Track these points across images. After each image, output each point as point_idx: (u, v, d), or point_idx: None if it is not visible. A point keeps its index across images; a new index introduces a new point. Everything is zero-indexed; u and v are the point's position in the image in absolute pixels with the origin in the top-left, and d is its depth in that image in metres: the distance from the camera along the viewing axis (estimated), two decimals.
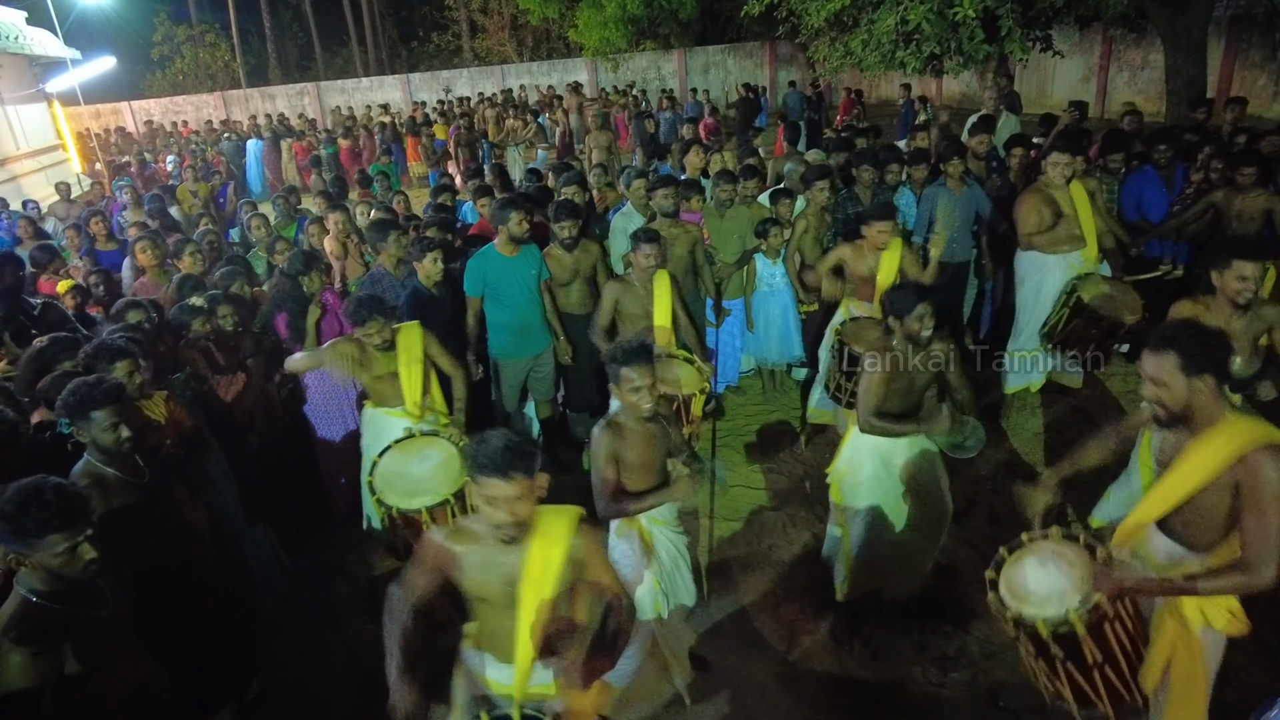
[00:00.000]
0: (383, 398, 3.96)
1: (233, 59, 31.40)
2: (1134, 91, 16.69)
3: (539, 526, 2.25)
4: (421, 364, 3.93)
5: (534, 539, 2.23)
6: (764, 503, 4.69)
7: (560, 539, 2.25)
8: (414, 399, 3.90)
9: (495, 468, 2.07)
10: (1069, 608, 2.40)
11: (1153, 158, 5.93)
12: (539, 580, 2.23)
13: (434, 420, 3.95)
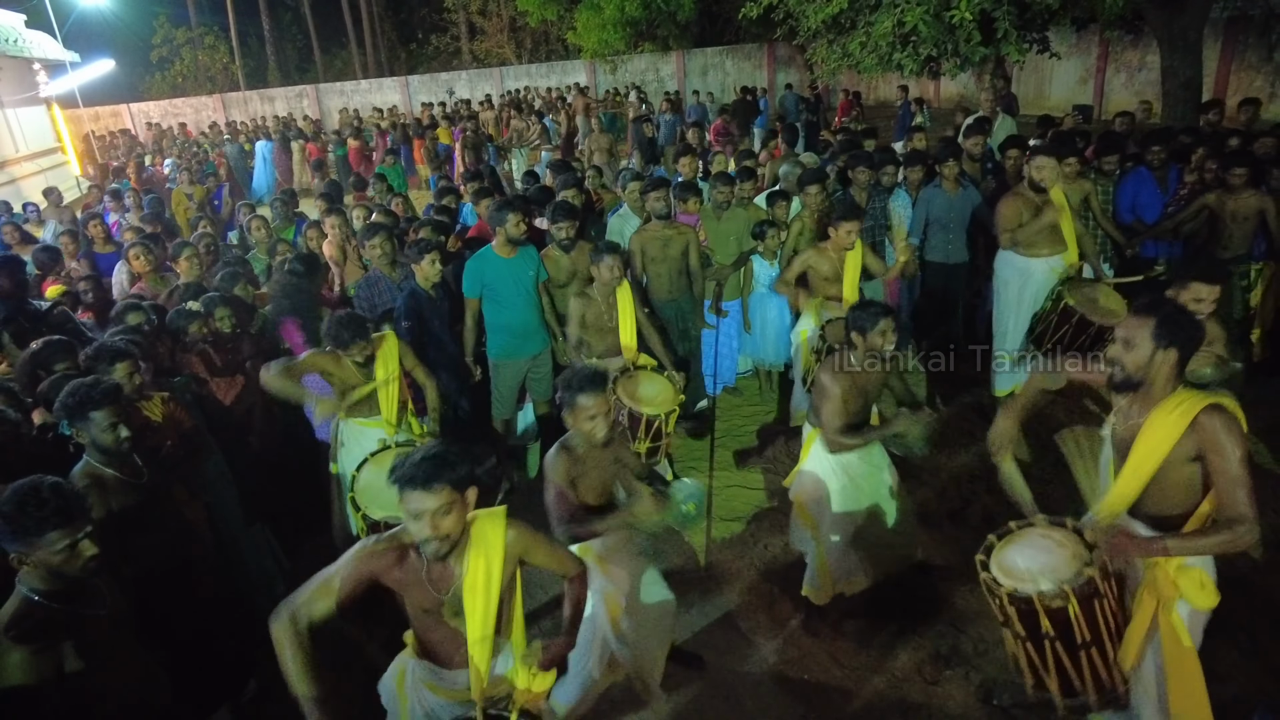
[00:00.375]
0: (358, 409, 3.92)
1: (232, 61, 31.45)
2: (1131, 93, 16.72)
3: (473, 536, 2.22)
4: (399, 374, 3.92)
5: (470, 550, 2.20)
6: (761, 503, 4.72)
7: (496, 543, 2.23)
8: (390, 410, 3.89)
9: (416, 479, 2.03)
10: (1063, 581, 2.43)
11: (1146, 159, 5.97)
12: (483, 588, 2.21)
13: (408, 430, 3.96)
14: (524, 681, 2.30)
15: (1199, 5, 10.54)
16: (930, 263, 5.83)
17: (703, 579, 4.11)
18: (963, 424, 5.34)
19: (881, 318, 3.29)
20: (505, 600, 2.32)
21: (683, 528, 3.25)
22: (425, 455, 2.08)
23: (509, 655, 2.38)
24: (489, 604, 2.22)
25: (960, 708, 3.22)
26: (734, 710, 3.31)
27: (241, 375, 4.56)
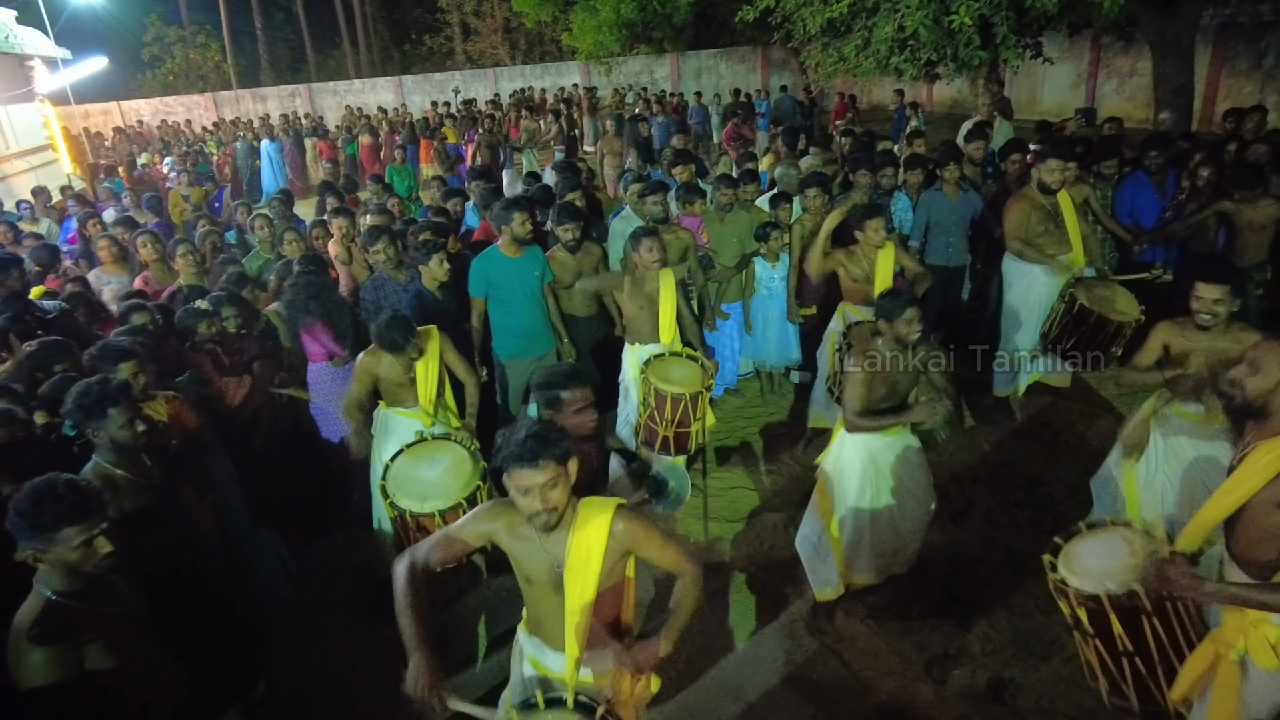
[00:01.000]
0: (397, 398, 3.99)
1: (224, 60, 31.27)
2: (1123, 98, 16.88)
3: (580, 516, 2.27)
4: (438, 367, 3.97)
5: (575, 528, 2.25)
6: (763, 504, 4.74)
7: (600, 528, 2.26)
8: (429, 400, 3.94)
9: (524, 456, 2.11)
10: (1105, 589, 2.41)
11: (1144, 164, 6.03)
12: (583, 568, 2.25)
13: (446, 423, 3.98)
14: (626, 689, 2.31)
15: (1190, 12, 10.65)
16: (931, 265, 5.85)
17: (707, 580, 4.12)
18: (971, 427, 5.38)
19: (908, 306, 3.34)
20: (608, 596, 2.33)
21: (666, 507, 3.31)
22: (529, 433, 2.15)
23: (616, 655, 2.34)
24: (586, 585, 2.25)
25: (969, 707, 3.25)
26: (743, 710, 3.32)
27: (248, 375, 4.56)
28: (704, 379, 4.16)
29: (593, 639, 2.32)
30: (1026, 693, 3.27)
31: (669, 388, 4.04)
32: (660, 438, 4.15)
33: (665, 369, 4.21)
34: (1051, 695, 3.26)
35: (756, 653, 3.62)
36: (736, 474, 5.06)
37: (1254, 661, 2.28)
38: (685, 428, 4.13)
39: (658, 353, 4.37)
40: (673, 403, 4.05)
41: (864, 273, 4.75)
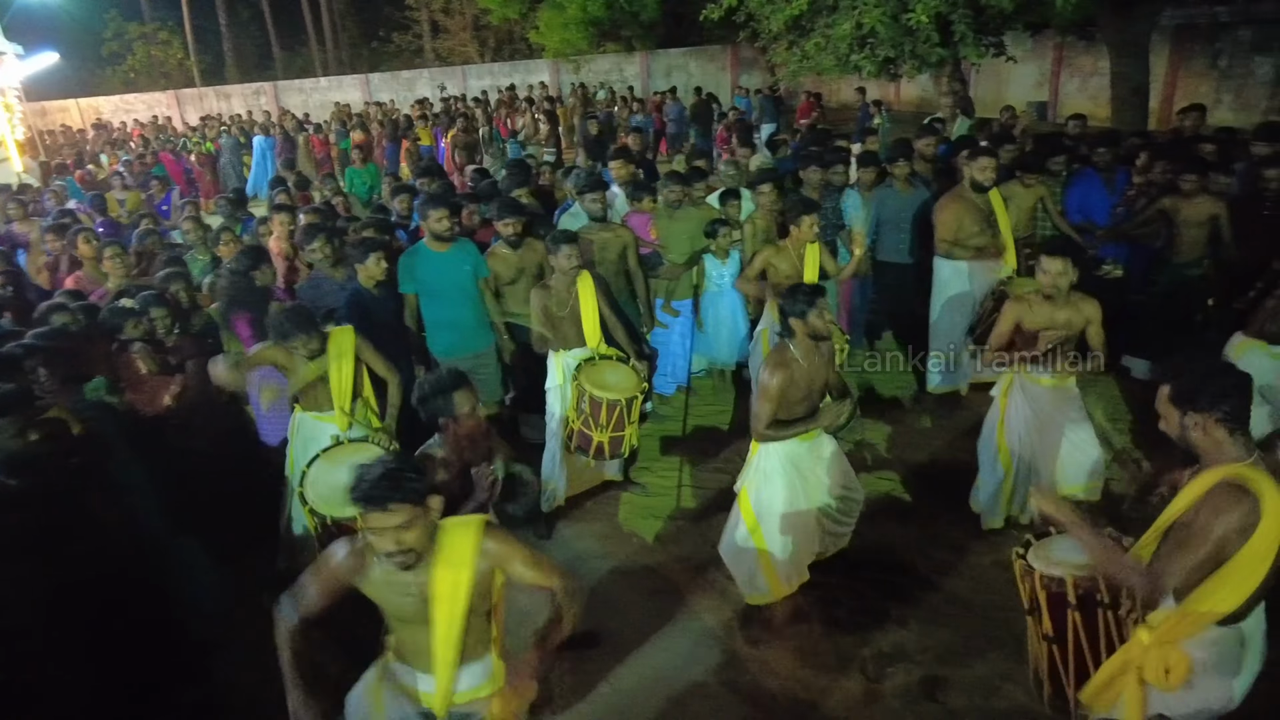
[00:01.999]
0: (312, 402, 3.88)
1: (187, 57, 30.74)
2: (1085, 97, 17.07)
3: (443, 544, 2.19)
4: (353, 367, 3.86)
5: (438, 560, 2.18)
6: (709, 502, 4.69)
7: (466, 554, 2.19)
8: (343, 403, 3.83)
9: (374, 499, 2.02)
10: (1067, 572, 2.55)
11: (1093, 161, 6.07)
12: (450, 598, 2.18)
13: (365, 424, 3.89)
14: (498, 707, 2.25)
15: (1147, 13, 10.79)
16: (883, 262, 5.86)
17: (649, 579, 4.07)
18: (914, 425, 5.38)
19: (816, 297, 3.31)
20: (478, 611, 2.27)
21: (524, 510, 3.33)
22: (381, 473, 2.06)
23: (488, 668, 2.32)
24: (455, 613, 2.18)
25: (902, 704, 3.22)
26: (678, 710, 3.27)
27: (181, 375, 4.44)
28: (639, 383, 4.12)
29: (465, 657, 2.27)
30: (958, 691, 3.25)
31: (605, 394, 3.99)
32: (595, 443, 4.10)
33: (599, 374, 4.15)
34: (984, 693, 3.24)
35: (694, 653, 3.57)
36: (684, 472, 5.01)
37: (1146, 677, 2.30)
38: (620, 432, 4.09)
39: (587, 357, 4.29)
40: (608, 408, 4.00)
41: (793, 268, 4.73)
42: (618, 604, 3.92)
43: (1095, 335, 3.73)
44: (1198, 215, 5.26)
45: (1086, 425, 3.94)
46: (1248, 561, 2.10)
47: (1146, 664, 2.28)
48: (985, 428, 4.14)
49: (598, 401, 3.99)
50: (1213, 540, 2.11)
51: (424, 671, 2.31)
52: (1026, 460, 3.96)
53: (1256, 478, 2.10)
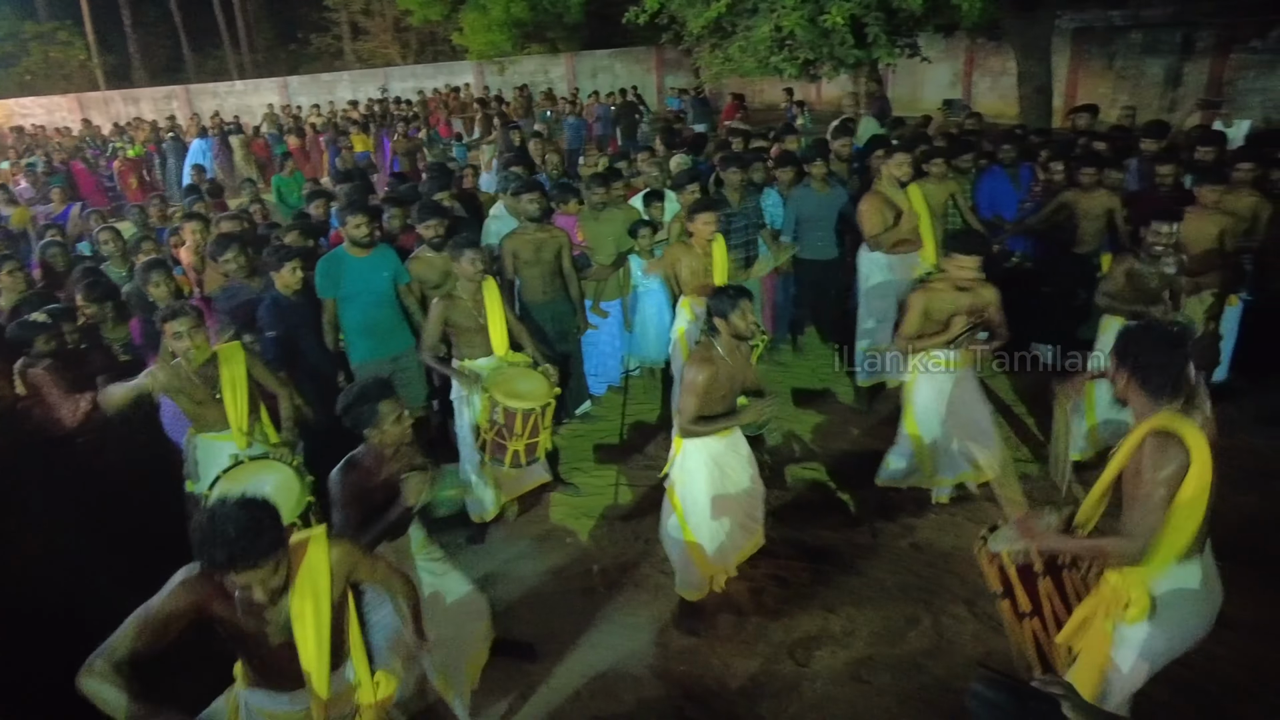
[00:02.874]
0: (206, 422, 3.75)
1: (89, 58, 29.29)
2: (996, 96, 17.80)
3: (298, 568, 2.19)
4: (246, 384, 3.75)
5: (295, 584, 2.18)
6: (641, 499, 4.75)
7: (321, 568, 2.21)
8: (240, 422, 3.73)
9: (243, 559, 1.97)
10: (1007, 549, 2.77)
11: (999, 157, 6.36)
12: (313, 614, 2.18)
13: (264, 440, 3.81)
14: (367, 696, 2.24)
15: (1047, 15, 11.31)
16: (803, 260, 6.01)
17: (583, 579, 4.11)
18: (838, 417, 5.54)
19: (740, 299, 3.38)
20: (339, 620, 2.28)
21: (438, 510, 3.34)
22: (240, 530, 1.97)
23: (348, 669, 2.32)
24: (321, 628, 2.18)
25: (829, 686, 3.33)
26: (612, 704, 3.32)
27: (92, 392, 4.27)
28: (550, 389, 4.12)
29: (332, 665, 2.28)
30: (883, 670, 3.39)
31: (519, 404, 3.96)
32: (511, 452, 4.08)
33: (510, 384, 4.10)
34: (907, 670, 3.38)
35: (628, 647, 3.62)
36: (615, 472, 5.06)
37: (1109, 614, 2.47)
38: (535, 438, 4.09)
39: (494, 366, 4.27)
40: (523, 417, 3.98)
41: (702, 265, 4.82)
42: (552, 605, 3.94)
43: (996, 316, 4.07)
44: (1096, 208, 5.57)
45: (985, 404, 4.28)
46: (1188, 500, 2.29)
47: (1110, 600, 2.45)
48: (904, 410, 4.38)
49: (512, 412, 3.95)
50: (1161, 484, 2.28)
51: (284, 691, 2.29)
52: (932, 440, 4.25)
53: (1177, 422, 2.30)
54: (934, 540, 4.18)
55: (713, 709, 3.27)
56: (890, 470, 4.46)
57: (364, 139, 13.53)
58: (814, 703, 3.25)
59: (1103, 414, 4.55)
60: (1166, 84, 14.41)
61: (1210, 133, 6.35)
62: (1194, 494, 2.30)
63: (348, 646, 2.36)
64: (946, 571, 3.94)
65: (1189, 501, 2.30)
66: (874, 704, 3.22)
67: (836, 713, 3.20)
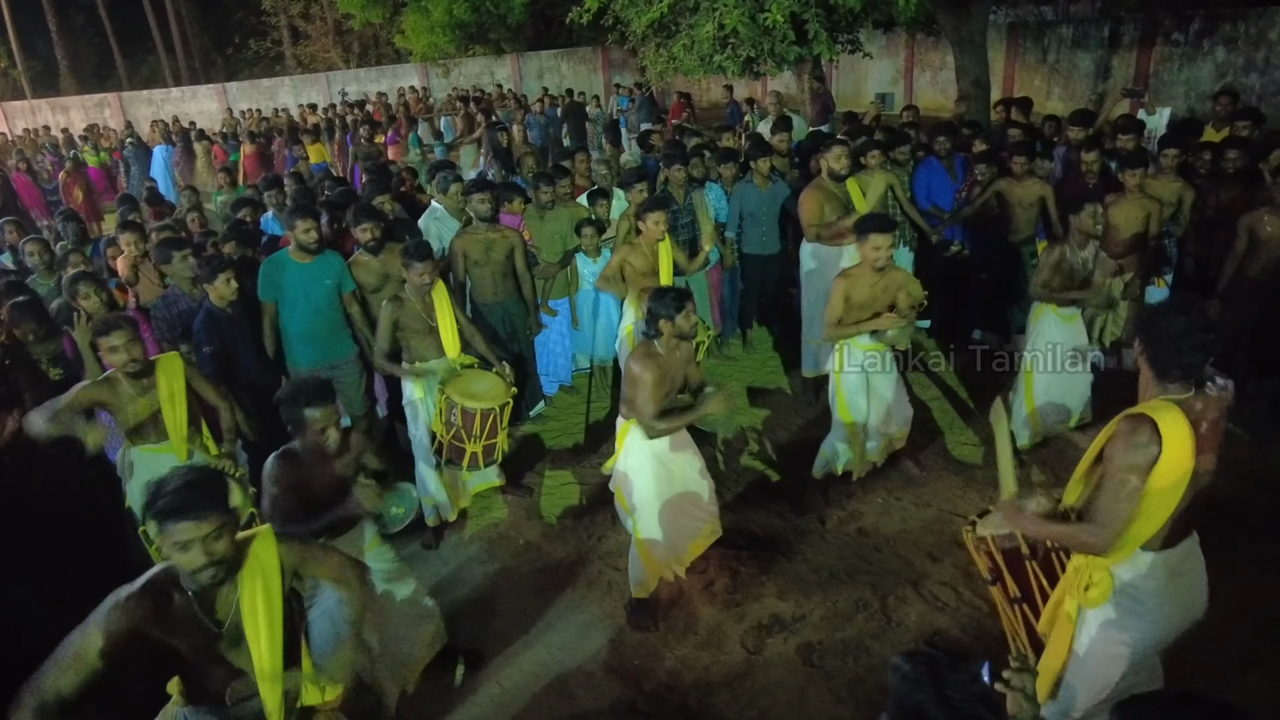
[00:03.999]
0: (144, 435, 3.67)
1: (12, 65, 28.22)
2: (936, 90, 18.19)
3: (248, 555, 2.15)
4: (185, 395, 3.67)
5: (244, 573, 2.13)
6: (595, 498, 4.75)
7: (270, 562, 2.16)
8: (180, 434, 3.65)
9: (183, 510, 1.94)
10: (992, 534, 2.79)
11: (934, 149, 6.50)
12: (265, 611, 2.13)
13: (205, 452, 3.74)
14: (314, 697, 2.21)
15: (981, 11, 11.60)
16: (748, 255, 6.07)
17: (534, 579, 4.10)
18: (786, 409, 5.61)
19: (684, 300, 3.42)
20: (290, 617, 2.23)
21: (388, 527, 3.31)
22: (184, 482, 1.98)
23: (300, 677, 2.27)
24: (273, 627, 2.13)
25: (780, 672, 3.37)
26: (566, 702, 3.31)
27: (19, 410, 4.12)
28: (507, 389, 4.13)
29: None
30: (832, 654, 3.44)
31: (477, 404, 3.95)
32: (468, 454, 4.06)
33: (466, 385, 4.10)
34: (855, 653, 3.44)
35: (579, 644, 3.62)
36: (567, 472, 5.05)
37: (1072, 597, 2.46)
38: (493, 439, 4.08)
39: (446, 368, 4.24)
40: (482, 418, 3.97)
41: (648, 265, 4.85)
42: (503, 606, 3.92)
43: (905, 299, 4.23)
44: (1028, 196, 5.74)
45: (901, 382, 4.51)
46: (1158, 490, 2.19)
47: (1073, 581, 2.42)
48: (832, 400, 4.49)
49: (470, 413, 3.93)
50: (1129, 471, 2.19)
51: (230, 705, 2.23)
52: (863, 422, 4.41)
53: (1161, 408, 2.20)
54: (880, 525, 4.26)
55: (666, 702, 3.29)
56: (824, 459, 4.57)
57: (320, 148, 12.50)
58: (765, 689, 3.29)
59: (1041, 398, 4.70)
60: (1096, 76, 14.88)
61: (1130, 120, 6.58)
62: (1166, 485, 2.19)
63: (299, 648, 2.30)
64: (893, 555, 4.02)
65: (1159, 492, 2.20)
66: (824, 687, 3.27)
67: (788, 698, 3.24)
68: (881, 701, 3.14)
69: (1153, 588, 2.35)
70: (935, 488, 4.54)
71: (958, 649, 3.42)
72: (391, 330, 4.21)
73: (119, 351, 3.45)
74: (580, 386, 6.07)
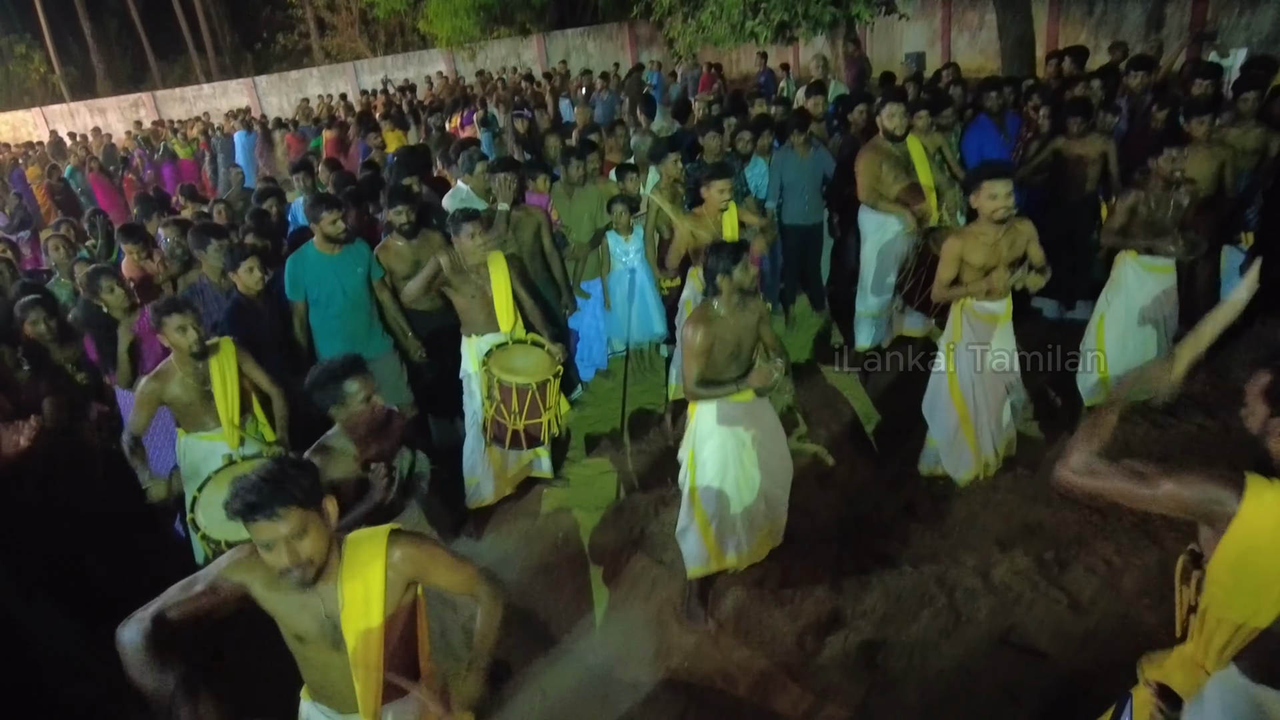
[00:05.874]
0: (197, 422, 3.60)
1: (51, 72, 28.68)
2: (975, 51, 17.47)
3: (347, 557, 1.96)
4: (238, 382, 3.59)
5: (345, 574, 1.94)
6: (632, 487, 4.54)
7: (375, 565, 1.96)
8: (231, 420, 3.56)
9: (257, 507, 1.78)
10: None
11: (985, 106, 6.09)
12: (362, 617, 1.94)
13: (259, 440, 3.62)
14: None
15: None
16: (788, 226, 5.77)
17: (576, 576, 3.89)
18: (835, 390, 5.32)
19: (740, 252, 3.19)
20: (397, 633, 2.03)
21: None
22: (261, 477, 1.81)
23: (417, 704, 2.07)
24: (370, 635, 1.95)
25: (841, 675, 3.12)
26: (608, 711, 3.10)
27: (37, 417, 4.02)
28: (551, 365, 3.93)
29: (389, 689, 2.02)
30: (897, 654, 3.18)
31: (513, 378, 3.81)
32: (510, 432, 3.90)
33: (508, 359, 3.96)
34: (923, 652, 3.17)
35: (625, 647, 3.41)
36: (604, 460, 4.83)
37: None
38: (536, 418, 3.90)
39: (499, 342, 4.08)
40: (519, 394, 3.82)
41: (712, 236, 4.57)
42: (545, 606, 3.73)
43: (1036, 252, 3.71)
44: (1089, 154, 5.33)
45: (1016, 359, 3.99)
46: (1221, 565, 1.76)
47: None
48: (931, 386, 4.07)
49: (507, 387, 3.80)
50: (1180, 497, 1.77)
51: (345, 713, 2.08)
52: (978, 404, 3.92)
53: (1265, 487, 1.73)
54: (942, 514, 3.96)
55: (717, 709, 3.06)
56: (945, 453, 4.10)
57: (399, 135, 11.92)
58: (826, 694, 3.04)
59: (1115, 367, 4.32)
60: (1148, 28, 14.11)
61: (1206, 65, 6.07)
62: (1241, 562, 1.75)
63: (415, 674, 2.10)
64: (958, 543, 3.73)
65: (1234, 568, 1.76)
66: (890, 695, 3.01)
67: (849, 705, 2.99)
68: (956, 710, 2.91)
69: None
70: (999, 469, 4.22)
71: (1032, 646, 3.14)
72: (429, 280, 4.06)
73: (187, 331, 3.39)
74: (616, 371, 5.83)
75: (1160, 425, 4.24)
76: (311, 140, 13.40)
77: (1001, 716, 2.86)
